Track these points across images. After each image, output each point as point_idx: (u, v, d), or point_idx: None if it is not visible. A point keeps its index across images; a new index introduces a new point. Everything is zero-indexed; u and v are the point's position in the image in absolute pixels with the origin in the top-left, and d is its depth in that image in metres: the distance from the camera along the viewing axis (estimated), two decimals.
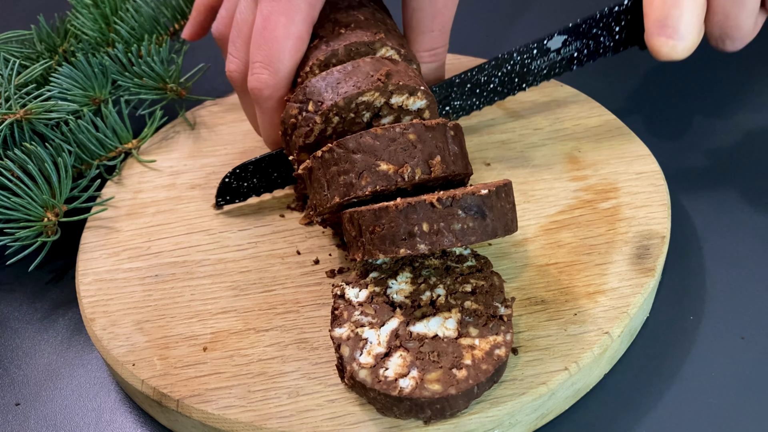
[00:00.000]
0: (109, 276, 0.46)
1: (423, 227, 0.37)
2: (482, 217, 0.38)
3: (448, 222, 0.37)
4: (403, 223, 0.37)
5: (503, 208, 0.39)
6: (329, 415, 0.38)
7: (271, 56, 0.46)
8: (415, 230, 0.37)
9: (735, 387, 0.41)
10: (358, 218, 0.39)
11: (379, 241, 0.38)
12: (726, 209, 0.51)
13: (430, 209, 0.37)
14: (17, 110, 0.51)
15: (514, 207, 0.40)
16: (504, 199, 0.39)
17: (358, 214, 0.39)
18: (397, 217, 0.37)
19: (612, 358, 0.42)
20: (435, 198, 0.37)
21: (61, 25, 0.63)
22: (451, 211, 0.37)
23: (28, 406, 0.44)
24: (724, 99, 0.60)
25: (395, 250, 0.38)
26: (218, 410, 0.38)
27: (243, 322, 0.43)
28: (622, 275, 0.43)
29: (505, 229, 0.39)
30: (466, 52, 0.62)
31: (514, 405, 0.38)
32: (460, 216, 0.38)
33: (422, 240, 0.37)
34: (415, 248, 0.37)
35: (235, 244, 0.48)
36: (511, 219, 0.40)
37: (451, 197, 0.38)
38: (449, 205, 0.37)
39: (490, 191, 0.38)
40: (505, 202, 0.39)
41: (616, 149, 0.51)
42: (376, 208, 0.38)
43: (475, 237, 0.38)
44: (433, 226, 0.37)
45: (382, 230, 0.38)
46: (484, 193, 0.38)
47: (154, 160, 0.55)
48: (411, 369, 0.37)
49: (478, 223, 0.38)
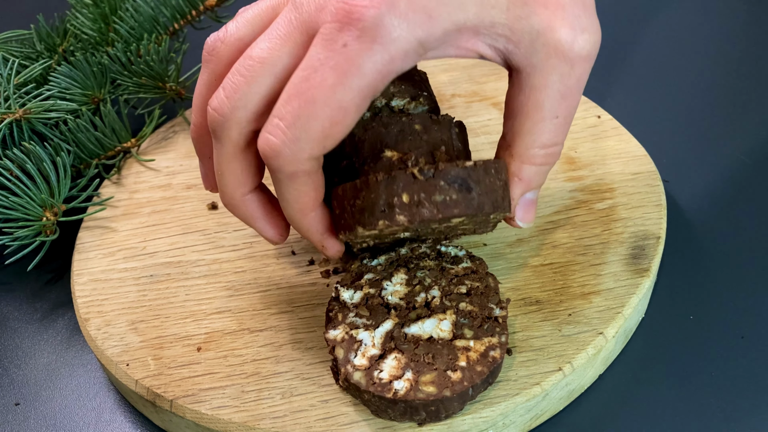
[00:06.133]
0: (104, 276, 0.47)
1: (403, 198, 0.36)
2: (467, 190, 0.36)
3: (429, 193, 0.36)
4: (383, 194, 0.36)
5: (492, 184, 0.37)
6: (322, 416, 0.38)
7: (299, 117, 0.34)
8: (395, 201, 0.36)
9: (735, 387, 0.41)
10: (342, 194, 0.38)
11: (359, 213, 0.37)
12: (724, 209, 0.51)
13: (411, 180, 0.36)
14: (16, 110, 0.52)
15: (507, 186, 0.38)
16: (494, 175, 0.37)
17: (342, 188, 0.38)
18: (377, 188, 0.36)
19: (606, 359, 0.42)
20: (416, 169, 0.36)
21: (60, 25, 0.63)
22: (433, 183, 0.36)
23: (27, 405, 0.44)
24: (722, 99, 0.60)
25: (374, 222, 0.36)
26: (211, 410, 0.39)
27: (237, 322, 0.43)
28: (618, 276, 0.43)
29: (494, 206, 0.37)
30: None
31: (507, 406, 0.38)
32: (443, 187, 0.36)
33: (401, 211, 0.36)
34: (394, 219, 0.36)
35: (231, 244, 0.48)
36: (502, 197, 0.38)
37: (434, 168, 0.36)
38: (431, 176, 0.36)
39: (477, 164, 0.37)
40: (495, 179, 0.37)
41: (612, 150, 0.51)
42: (357, 182, 0.37)
43: (459, 210, 0.36)
44: (414, 197, 0.36)
45: (362, 202, 0.37)
46: (469, 165, 0.36)
47: (152, 159, 0.55)
48: (405, 371, 0.37)
49: (463, 195, 0.36)
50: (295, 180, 0.36)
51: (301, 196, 0.37)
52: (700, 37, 0.66)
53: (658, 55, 0.65)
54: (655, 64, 0.64)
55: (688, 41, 0.66)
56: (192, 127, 0.40)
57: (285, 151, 0.34)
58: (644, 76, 0.63)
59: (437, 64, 0.60)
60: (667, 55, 0.65)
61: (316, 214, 0.38)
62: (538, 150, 0.39)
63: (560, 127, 0.38)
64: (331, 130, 0.34)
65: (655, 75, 0.63)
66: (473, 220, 0.39)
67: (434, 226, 0.39)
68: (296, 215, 0.38)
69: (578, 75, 0.37)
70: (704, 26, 0.67)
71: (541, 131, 0.38)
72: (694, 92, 0.61)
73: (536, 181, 0.40)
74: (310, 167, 0.36)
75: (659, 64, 0.63)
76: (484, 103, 0.56)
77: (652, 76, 0.63)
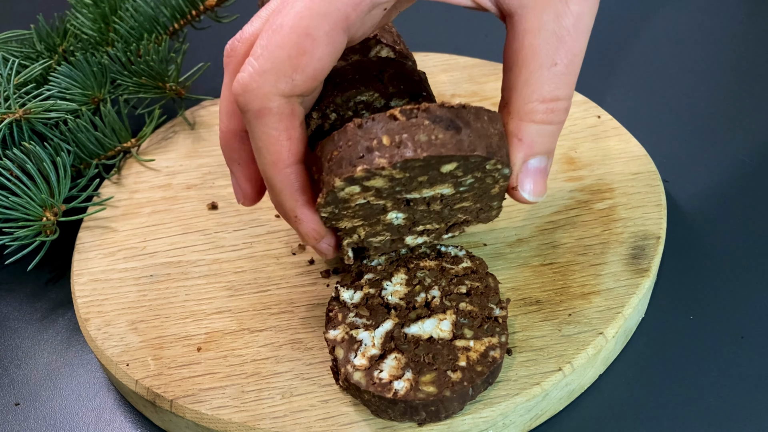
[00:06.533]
0: (104, 276, 0.47)
1: (383, 140, 0.32)
2: (456, 130, 0.32)
3: (411, 133, 0.32)
4: (361, 140, 0.33)
5: (486, 130, 0.34)
6: (322, 416, 0.38)
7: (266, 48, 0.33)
8: (374, 144, 0.33)
9: (735, 387, 0.41)
10: (319, 151, 0.35)
11: (336, 165, 0.34)
12: (724, 209, 0.51)
13: (392, 121, 0.33)
14: (16, 110, 0.52)
15: (503, 137, 0.35)
16: (486, 122, 0.34)
17: (320, 144, 0.35)
18: (355, 135, 0.33)
19: (606, 359, 0.42)
20: (398, 110, 0.33)
21: (60, 25, 0.63)
22: (416, 122, 0.33)
23: (27, 405, 0.44)
24: (722, 99, 0.60)
25: (352, 170, 0.33)
26: (211, 410, 0.39)
27: (237, 322, 0.43)
28: (617, 276, 0.43)
29: (488, 150, 0.33)
30: (465, 52, 0.62)
31: (507, 406, 0.38)
32: (428, 126, 0.32)
33: (381, 154, 0.32)
34: (373, 163, 0.32)
35: (231, 244, 0.48)
36: (498, 145, 0.34)
37: (417, 108, 0.33)
38: (414, 116, 0.33)
39: (467, 106, 0.33)
40: (488, 126, 0.34)
41: (612, 150, 0.51)
42: (335, 133, 0.34)
43: (446, 149, 0.32)
44: (395, 138, 0.32)
45: (339, 153, 0.34)
46: (456, 104, 0.33)
47: (152, 159, 0.55)
48: (405, 371, 0.37)
49: (451, 135, 0.32)
50: (264, 119, 0.34)
51: (273, 144, 0.34)
52: (701, 37, 0.66)
53: (658, 55, 0.65)
54: (655, 64, 0.64)
55: (688, 41, 0.66)
56: (220, 135, 0.39)
57: (251, 84, 0.33)
58: (644, 76, 0.63)
59: (437, 64, 0.60)
60: (667, 55, 0.65)
61: (291, 172, 0.35)
62: (537, 104, 0.35)
63: (561, 77, 0.34)
64: (298, 59, 0.32)
65: (655, 75, 0.63)
66: (472, 194, 0.37)
67: (426, 192, 0.36)
68: (268, 168, 0.35)
69: (576, 14, 0.34)
70: (705, 26, 0.67)
71: (538, 81, 0.34)
72: (695, 92, 0.61)
73: (539, 143, 0.36)
74: (279, 106, 0.33)
75: (660, 64, 0.63)
76: (485, 104, 0.56)
77: (653, 76, 0.62)
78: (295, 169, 0.35)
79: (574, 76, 0.35)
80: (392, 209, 0.38)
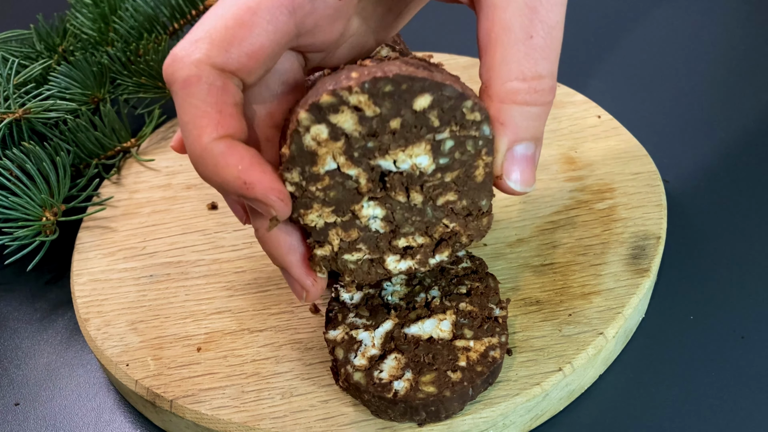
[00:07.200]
0: (103, 276, 0.47)
1: (352, 75, 0.30)
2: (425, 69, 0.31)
3: (382, 66, 0.31)
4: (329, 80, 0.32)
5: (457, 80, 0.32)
6: (322, 416, 0.38)
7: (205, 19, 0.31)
8: (342, 78, 0.31)
9: (735, 387, 0.41)
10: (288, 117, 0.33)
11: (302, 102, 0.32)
12: (724, 209, 0.51)
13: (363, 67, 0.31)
14: (16, 109, 0.52)
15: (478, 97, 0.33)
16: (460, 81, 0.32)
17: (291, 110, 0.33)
18: (324, 81, 0.32)
19: (607, 359, 0.42)
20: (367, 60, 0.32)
21: (60, 25, 0.63)
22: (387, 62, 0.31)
23: (27, 406, 0.44)
24: (722, 99, 0.60)
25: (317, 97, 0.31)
26: (211, 411, 0.39)
27: (237, 322, 0.43)
28: (618, 276, 0.43)
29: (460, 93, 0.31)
30: (465, 52, 0.62)
31: (507, 406, 0.38)
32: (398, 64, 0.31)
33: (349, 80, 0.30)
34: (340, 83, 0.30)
35: (230, 244, 0.48)
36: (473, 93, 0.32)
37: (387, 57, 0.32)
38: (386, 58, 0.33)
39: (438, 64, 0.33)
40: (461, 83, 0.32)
41: (612, 149, 0.51)
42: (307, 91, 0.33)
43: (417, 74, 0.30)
44: (364, 72, 0.30)
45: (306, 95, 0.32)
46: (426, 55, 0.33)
47: (152, 159, 0.55)
48: (405, 371, 0.37)
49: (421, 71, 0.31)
50: (191, 89, 0.30)
51: (201, 117, 0.30)
52: (701, 36, 0.66)
53: (658, 54, 0.65)
54: (655, 63, 0.63)
55: (688, 41, 0.66)
56: None
57: (180, 53, 0.30)
58: (644, 76, 0.63)
59: None
60: (667, 55, 0.65)
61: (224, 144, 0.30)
62: (517, 83, 0.31)
63: (539, 50, 0.31)
64: (235, 31, 0.30)
65: (655, 75, 0.63)
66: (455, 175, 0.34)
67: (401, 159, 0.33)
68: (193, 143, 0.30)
69: None
70: (705, 26, 0.67)
71: (515, 57, 0.31)
72: (695, 92, 0.61)
73: (525, 127, 0.32)
74: (210, 76, 0.30)
75: (660, 64, 0.63)
76: None
77: (653, 76, 0.62)
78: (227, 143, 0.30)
79: (555, 52, 0.32)
80: (367, 192, 0.34)
